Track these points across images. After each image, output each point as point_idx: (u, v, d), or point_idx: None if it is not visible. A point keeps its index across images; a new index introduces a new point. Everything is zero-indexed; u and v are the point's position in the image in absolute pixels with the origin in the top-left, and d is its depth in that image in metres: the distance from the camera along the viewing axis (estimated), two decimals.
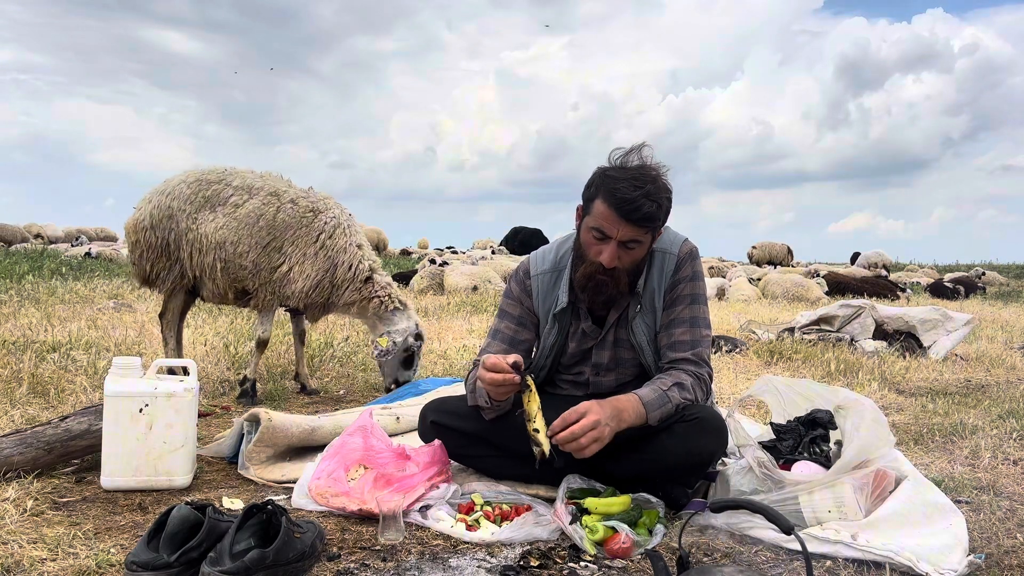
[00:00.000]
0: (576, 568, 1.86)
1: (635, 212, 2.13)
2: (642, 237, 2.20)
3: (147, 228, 3.78)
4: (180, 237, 3.75)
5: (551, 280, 2.41)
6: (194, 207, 3.75)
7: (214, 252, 3.71)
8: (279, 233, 3.74)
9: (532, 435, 2.06)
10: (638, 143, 2.23)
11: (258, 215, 3.73)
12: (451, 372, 4.63)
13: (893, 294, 13.09)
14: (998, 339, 7.28)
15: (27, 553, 1.79)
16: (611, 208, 2.14)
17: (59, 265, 12.42)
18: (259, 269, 3.74)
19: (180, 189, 3.80)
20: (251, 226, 3.70)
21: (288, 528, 1.76)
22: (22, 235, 24.31)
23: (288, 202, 3.80)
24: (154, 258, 3.83)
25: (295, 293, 3.78)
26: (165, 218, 3.77)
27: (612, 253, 2.18)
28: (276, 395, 3.85)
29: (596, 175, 2.23)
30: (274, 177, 3.96)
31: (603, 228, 2.17)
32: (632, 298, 2.32)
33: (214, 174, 3.87)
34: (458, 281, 11.43)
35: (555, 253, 2.45)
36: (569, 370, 2.47)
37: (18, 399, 3.32)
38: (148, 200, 3.84)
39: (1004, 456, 3.00)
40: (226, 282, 3.79)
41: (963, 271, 20.77)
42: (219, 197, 3.77)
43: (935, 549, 1.90)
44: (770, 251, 25.25)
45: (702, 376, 2.28)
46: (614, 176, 2.17)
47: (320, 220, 3.83)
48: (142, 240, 3.81)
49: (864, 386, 4.57)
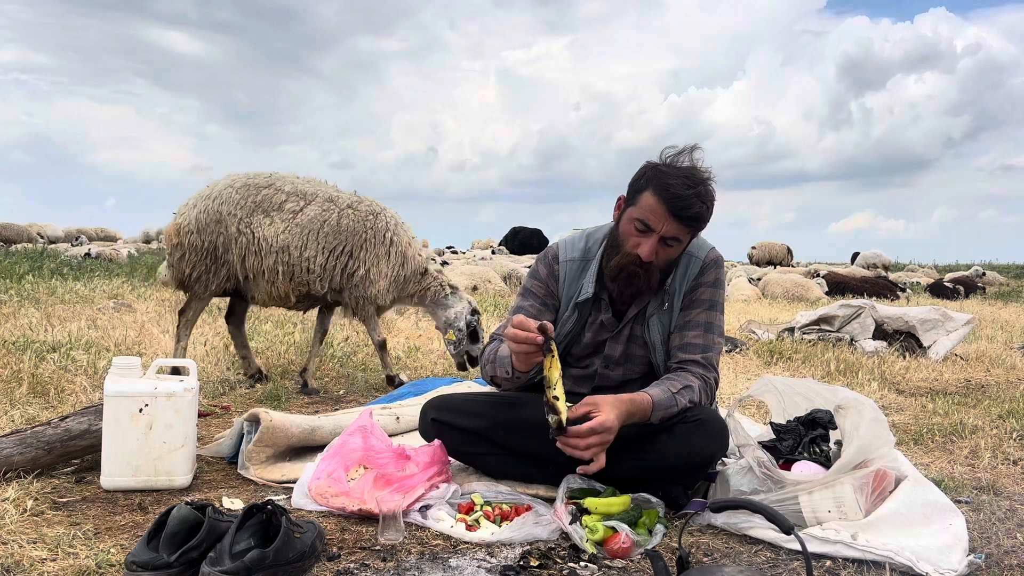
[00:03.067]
0: (576, 568, 1.86)
1: (685, 210, 2.14)
2: (683, 236, 2.22)
3: (192, 232, 3.89)
4: (230, 241, 3.87)
5: (579, 268, 2.41)
6: (245, 211, 3.88)
7: (275, 256, 3.86)
8: (346, 238, 3.95)
9: (551, 402, 2.00)
10: (690, 144, 2.23)
11: (321, 221, 3.92)
12: (451, 372, 4.62)
13: (893, 294, 13.09)
14: (998, 339, 7.28)
15: (27, 553, 1.79)
16: (661, 202, 2.14)
17: (59, 265, 12.42)
18: (329, 274, 3.94)
19: (228, 194, 3.91)
20: (315, 232, 3.91)
21: (288, 528, 1.76)
22: (27, 235, 24.30)
23: (346, 207, 3.99)
24: (196, 261, 3.92)
25: (380, 293, 4.05)
26: (213, 222, 3.88)
27: (652, 247, 2.18)
28: (276, 395, 3.85)
29: (647, 168, 2.24)
30: (317, 181, 4.14)
31: (648, 221, 2.17)
32: (655, 296, 2.33)
33: (261, 178, 4.00)
34: (458, 281, 11.43)
35: (585, 242, 2.45)
36: (579, 362, 2.47)
37: (18, 399, 3.32)
38: (192, 205, 3.95)
39: (1004, 456, 3.00)
40: (288, 285, 3.94)
41: (963, 271, 20.77)
42: (271, 202, 3.92)
43: (935, 549, 1.90)
44: (770, 251, 25.26)
45: (709, 380, 2.28)
46: (666, 172, 2.18)
47: (381, 221, 4.05)
48: (185, 244, 3.91)
49: (864, 386, 4.57)
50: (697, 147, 2.23)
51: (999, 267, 25.57)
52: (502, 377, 2.31)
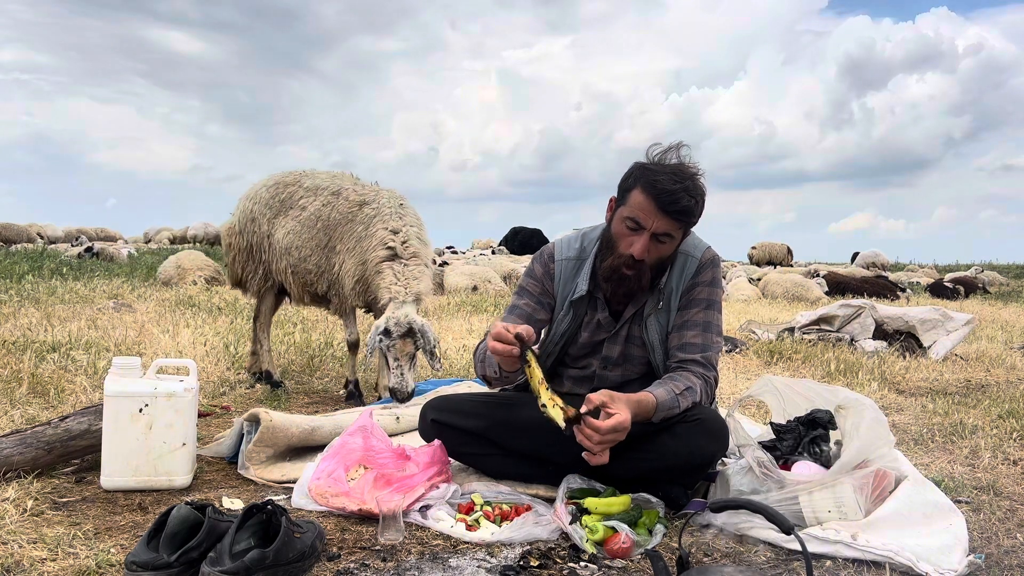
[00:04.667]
0: (576, 568, 1.86)
1: (674, 204, 2.14)
2: (675, 232, 2.22)
3: (236, 232, 3.92)
4: (262, 240, 3.86)
5: (574, 267, 2.42)
6: (272, 211, 3.83)
7: (284, 258, 3.79)
8: (332, 232, 3.64)
9: (543, 411, 1.98)
10: (675, 142, 2.25)
11: (317, 216, 3.70)
12: (451, 372, 4.62)
13: (893, 294, 13.09)
14: (998, 339, 7.28)
15: (27, 553, 1.79)
16: (650, 198, 2.15)
17: (59, 265, 12.42)
18: (322, 271, 3.69)
19: (261, 193, 3.88)
20: (311, 228, 3.69)
21: (288, 528, 1.76)
22: (27, 235, 24.29)
23: (342, 199, 3.66)
24: (243, 261, 3.95)
25: (350, 293, 3.58)
26: (249, 221, 3.88)
27: (644, 245, 2.19)
28: (276, 395, 3.85)
29: (635, 167, 2.25)
30: (344, 175, 3.87)
31: (639, 218, 2.18)
32: (651, 295, 2.33)
33: (292, 176, 3.89)
34: (458, 281, 11.43)
35: (581, 241, 2.45)
36: (577, 362, 2.47)
37: (18, 399, 3.32)
38: (238, 205, 3.98)
39: (1004, 456, 3.00)
40: (299, 287, 3.80)
41: (963, 271, 20.76)
42: (291, 200, 3.81)
43: (935, 549, 1.90)
44: (770, 251, 25.28)
45: (709, 380, 2.29)
46: (654, 169, 2.20)
47: (364, 212, 3.61)
48: (233, 244, 3.96)
49: (864, 386, 4.57)
50: (683, 144, 2.24)
51: (999, 267, 25.55)
52: (492, 376, 2.33)
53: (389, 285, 3.40)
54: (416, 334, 3.27)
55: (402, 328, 3.25)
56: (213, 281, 10.67)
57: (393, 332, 3.25)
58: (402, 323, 3.25)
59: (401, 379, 3.24)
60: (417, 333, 3.27)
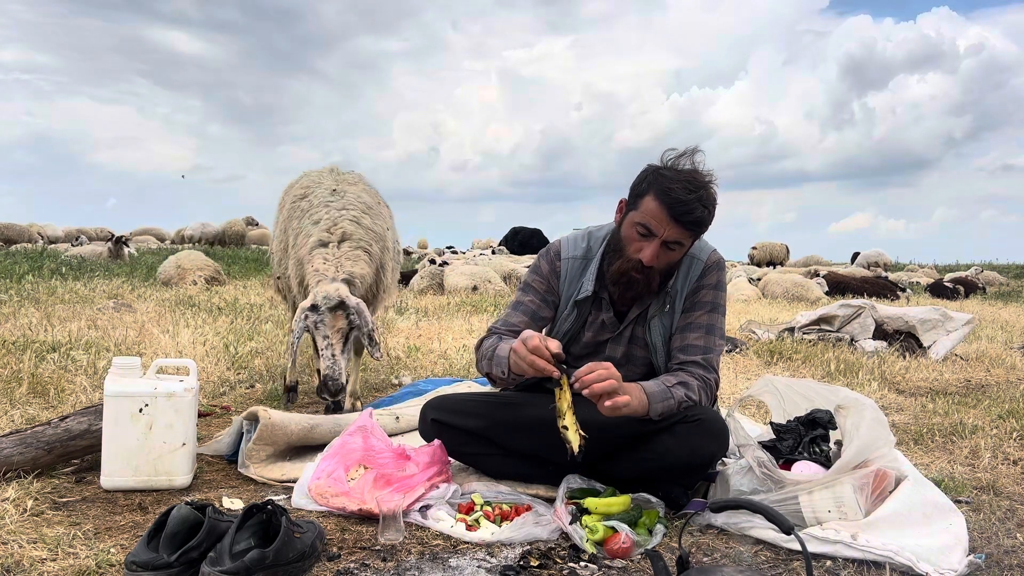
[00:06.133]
0: (576, 568, 1.86)
1: (687, 215, 2.13)
2: (685, 240, 2.21)
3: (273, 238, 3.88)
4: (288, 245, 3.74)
5: (580, 267, 2.41)
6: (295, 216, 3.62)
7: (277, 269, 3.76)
8: (288, 234, 3.50)
9: (561, 432, 1.99)
10: (691, 147, 2.22)
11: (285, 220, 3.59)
12: (451, 372, 4.62)
13: (893, 294, 13.09)
14: (998, 339, 7.28)
15: (27, 553, 1.79)
16: (663, 207, 2.14)
17: (59, 265, 12.42)
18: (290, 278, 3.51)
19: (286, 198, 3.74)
20: (282, 234, 3.60)
21: (288, 528, 1.76)
22: (27, 235, 24.28)
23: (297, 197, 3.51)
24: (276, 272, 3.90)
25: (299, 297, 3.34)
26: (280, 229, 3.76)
27: (654, 251, 2.18)
28: (276, 395, 3.85)
29: (649, 172, 2.22)
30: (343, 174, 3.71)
31: (650, 225, 2.17)
32: (657, 297, 2.33)
33: (308, 178, 3.68)
34: (458, 281, 11.43)
35: (587, 241, 2.44)
36: (579, 362, 2.46)
37: (18, 399, 3.32)
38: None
39: (1004, 456, 3.00)
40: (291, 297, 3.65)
41: (963, 271, 20.76)
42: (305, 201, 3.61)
43: (935, 549, 1.90)
44: (770, 251, 25.28)
45: (709, 381, 2.27)
46: (668, 176, 2.17)
47: (300, 207, 3.40)
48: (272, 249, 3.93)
49: (864, 386, 4.57)
50: (698, 150, 2.21)
51: (999, 267, 25.54)
52: (498, 376, 2.31)
53: (317, 268, 3.10)
54: (349, 309, 2.97)
55: (331, 301, 2.94)
56: (213, 281, 10.68)
57: (321, 306, 2.93)
58: (331, 296, 2.95)
59: (332, 362, 2.90)
60: (351, 309, 2.97)
